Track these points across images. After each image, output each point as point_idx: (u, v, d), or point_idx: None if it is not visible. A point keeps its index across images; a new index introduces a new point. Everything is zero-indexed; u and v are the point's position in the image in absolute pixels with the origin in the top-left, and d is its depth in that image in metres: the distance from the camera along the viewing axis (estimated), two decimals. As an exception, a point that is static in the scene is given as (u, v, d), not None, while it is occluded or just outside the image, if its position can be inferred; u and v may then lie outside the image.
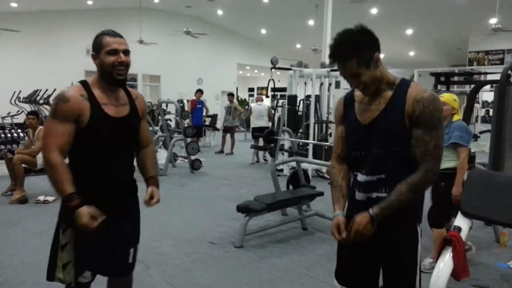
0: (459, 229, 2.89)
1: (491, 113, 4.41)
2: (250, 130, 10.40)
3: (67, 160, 1.76)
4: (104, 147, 1.79)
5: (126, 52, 1.78)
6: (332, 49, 1.55)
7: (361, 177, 1.66)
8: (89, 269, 1.80)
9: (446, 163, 3.15)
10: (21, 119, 9.85)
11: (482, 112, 14.03)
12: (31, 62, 13.94)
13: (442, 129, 1.58)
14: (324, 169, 7.35)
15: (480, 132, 10.76)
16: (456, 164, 3.20)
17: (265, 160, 9.40)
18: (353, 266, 1.74)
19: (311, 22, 15.18)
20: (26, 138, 6.34)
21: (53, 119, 1.71)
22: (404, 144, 1.54)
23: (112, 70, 1.76)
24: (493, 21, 11.35)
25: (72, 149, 1.75)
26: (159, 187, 2.01)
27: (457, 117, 3.27)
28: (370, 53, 1.52)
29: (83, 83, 1.80)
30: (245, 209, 3.91)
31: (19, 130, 8.50)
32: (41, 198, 5.19)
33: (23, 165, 5.26)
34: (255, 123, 9.57)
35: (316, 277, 3.16)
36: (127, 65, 1.79)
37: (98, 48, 1.76)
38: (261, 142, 9.15)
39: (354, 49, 1.49)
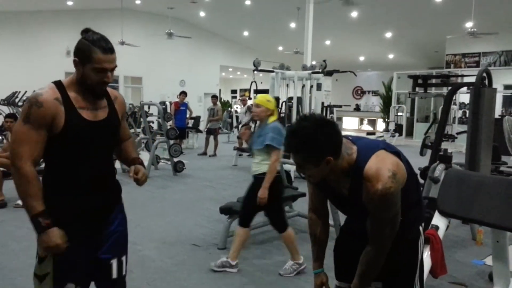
0: (436, 227, 2.98)
1: (467, 114, 4.55)
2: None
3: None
4: (81, 153, 1.68)
5: (114, 69, 1.69)
6: (286, 136, 1.50)
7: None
8: (72, 281, 1.71)
9: (263, 167, 3.15)
10: (-2, 121, 9.65)
11: (459, 114, 14.36)
12: (9, 63, 13.66)
13: (397, 217, 1.55)
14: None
15: (457, 133, 11.00)
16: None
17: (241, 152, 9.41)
18: (350, 262, 1.80)
19: (293, 25, 15.29)
20: (4, 141, 6.22)
21: (25, 124, 1.58)
22: None
23: (95, 87, 1.66)
24: (469, 24, 11.65)
25: (44, 155, 1.65)
26: (144, 166, 1.94)
27: (273, 118, 3.21)
28: (321, 155, 1.44)
29: (58, 85, 1.67)
30: (228, 211, 3.93)
31: (-3, 133, 8.32)
32: (20, 202, 5.09)
33: (1, 169, 5.16)
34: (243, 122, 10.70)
35: (298, 277, 3.20)
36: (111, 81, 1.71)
37: (84, 59, 1.63)
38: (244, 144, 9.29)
39: (304, 147, 1.44)
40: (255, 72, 8.23)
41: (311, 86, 8.22)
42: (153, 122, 12.05)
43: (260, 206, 3.17)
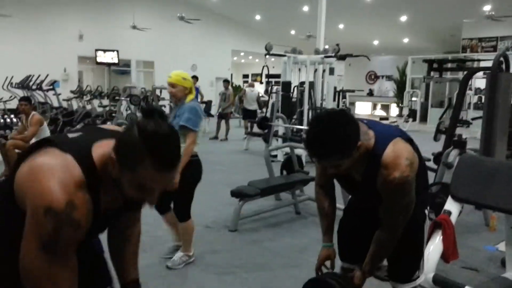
0: (449, 213, 2.95)
1: (483, 100, 4.46)
2: (242, 110, 12.02)
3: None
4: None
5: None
6: (311, 145, 1.44)
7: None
8: None
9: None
10: (13, 104, 9.77)
11: (474, 99, 14.11)
12: (23, 47, 13.75)
13: (411, 205, 1.57)
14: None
15: (472, 119, 10.83)
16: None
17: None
18: (354, 243, 1.81)
19: (305, 8, 15.08)
20: (19, 123, 6.31)
21: (47, 253, 1.04)
22: None
23: (129, 199, 1.17)
24: (486, 8, 11.36)
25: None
26: None
27: (191, 96, 2.98)
28: (353, 146, 1.44)
29: (92, 180, 1.12)
30: (239, 194, 3.95)
31: (12, 116, 8.44)
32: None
33: (17, 151, 5.25)
34: (247, 105, 11.17)
35: (308, 259, 3.21)
36: None
37: (127, 164, 1.08)
38: (254, 129, 9.32)
39: (336, 149, 1.41)
40: (267, 56, 8.17)
41: (324, 71, 8.14)
42: (165, 106, 12.10)
43: (182, 193, 2.85)
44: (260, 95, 12.44)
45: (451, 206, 2.96)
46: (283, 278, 2.96)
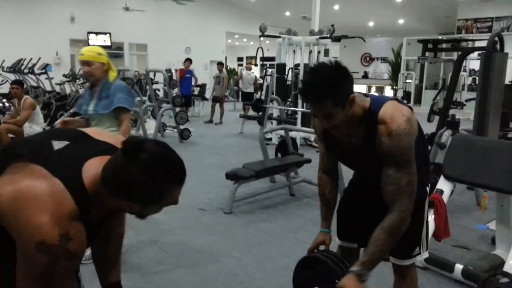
0: (441, 191, 2.99)
1: (477, 81, 4.46)
2: (240, 93, 12.49)
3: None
4: None
5: None
6: (306, 88, 1.45)
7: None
8: None
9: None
10: (5, 89, 9.67)
11: (469, 81, 14.11)
12: (14, 30, 13.51)
13: (413, 164, 1.50)
14: (312, 137, 7.42)
15: (466, 100, 10.87)
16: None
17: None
18: (353, 223, 1.83)
19: (300, -11, 14.90)
20: (12, 108, 6.26)
21: (46, 285, 1.03)
22: None
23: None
24: (482, -12, 11.26)
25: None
26: None
27: (113, 74, 2.69)
28: (347, 94, 1.45)
29: (84, 207, 1.06)
30: (234, 176, 3.97)
31: (4, 100, 8.36)
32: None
33: (10, 135, 5.22)
34: (243, 88, 11.54)
35: (302, 239, 3.26)
36: None
37: (158, 200, 1.09)
38: (250, 112, 9.29)
39: (331, 89, 1.41)
40: (262, 38, 8.09)
41: (319, 52, 8.08)
42: (158, 90, 12.01)
43: None
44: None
45: (443, 185, 3.00)
46: (277, 258, 3.00)
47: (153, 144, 1.07)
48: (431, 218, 2.81)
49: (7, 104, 8.16)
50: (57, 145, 1.14)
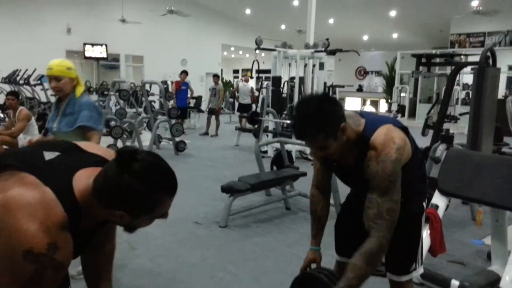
0: (436, 206, 2.99)
1: (471, 95, 4.53)
2: (237, 105, 12.35)
3: None
4: None
5: None
6: (297, 126, 1.46)
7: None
8: None
9: None
10: (0, 100, 9.63)
11: (462, 95, 14.26)
12: (9, 41, 13.52)
13: (397, 192, 1.49)
14: (308, 151, 7.42)
15: (460, 114, 10.95)
16: None
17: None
18: (351, 238, 1.82)
19: (295, 3, 15.06)
20: (7, 119, 6.23)
21: None
22: None
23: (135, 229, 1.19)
24: (474, 3, 11.45)
25: None
26: None
27: (81, 88, 2.55)
28: (338, 125, 1.45)
29: (74, 217, 1.06)
30: (230, 190, 3.95)
31: (-1, 111, 8.33)
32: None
33: (4, 146, 5.18)
34: (241, 100, 11.55)
35: (298, 254, 3.24)
36: None
37: (149, 210, 1.10)
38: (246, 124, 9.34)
39: (321, 124, 1.42)
40: (257, 51, 8.14)
41: (314, 66, 8.15)
42: (154, 102, 12.01)
43: None
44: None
45: (438, 200, 3.00)
46: (273, 273, 2.98)
47: (146, 154, 1.08)
48: (427, 233, 2.81)
49: (1, 115, 8.13)
50: (48, 155, 1.14)
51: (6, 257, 0.97)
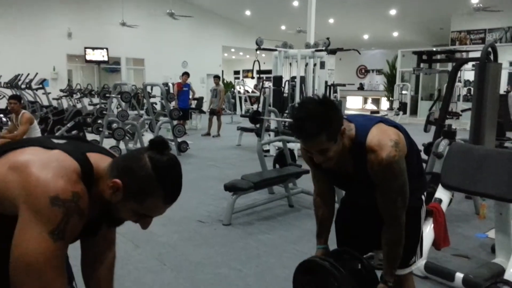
0: (440, 201, 3.00)
1: (472, 92, 4.52)
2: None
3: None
4: None
5: None
6: (299, 124, 1.43)
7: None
8: None
9: None
10: (3, 104, 9.67)
11: (464, 91, 14.24)
12: (11, 46, 13.57)
13: (407, 185, 1.55)
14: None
15: (462, 111, 10.95)
16: None
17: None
18: (351, 231, 1.84)
19: (295, 3, 15.07)
20: (10, 123, 6.25)
21: (56, 240, 1.00)
22: None
23: (120, 220, 1.20)
24: (475, 0, 11.44)
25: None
26: None
27: None
28: (338, 127, 1.45)
29: (89, 177, 1.10)
30: (233, 188, 3.96)
31: (2, 115, 8.36)
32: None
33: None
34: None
35: (302, 250, 3.24)
36: None
37: (136, 195, 1.09)
38: (247, 124, 9.36)
39: (324, 123, 1.40)
40: (258, 52, 8.15)
41: (315, 65, 8.15)
42: (156, 103, 12.04)
43: None
44: (251, 90, 12.46)
45: (441, 194, 3.01)
46: (277, 269, 2.98)
47: (175, 157, 1.14)
48: (430, 227, 2.82)
49: (4, 119, 8.17)
50: (58, 140, 1.20)
51: (34, 208, 0.99)
